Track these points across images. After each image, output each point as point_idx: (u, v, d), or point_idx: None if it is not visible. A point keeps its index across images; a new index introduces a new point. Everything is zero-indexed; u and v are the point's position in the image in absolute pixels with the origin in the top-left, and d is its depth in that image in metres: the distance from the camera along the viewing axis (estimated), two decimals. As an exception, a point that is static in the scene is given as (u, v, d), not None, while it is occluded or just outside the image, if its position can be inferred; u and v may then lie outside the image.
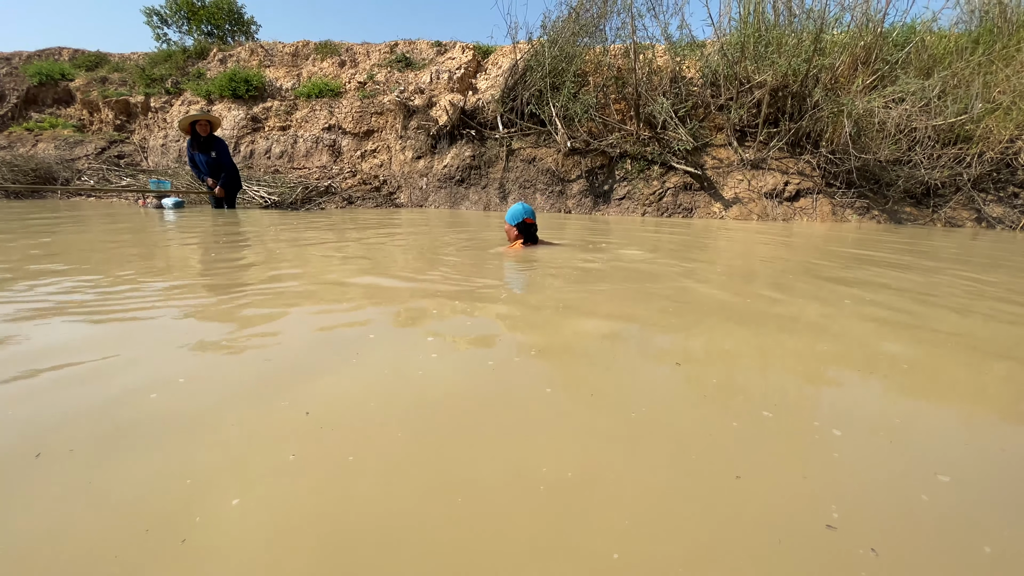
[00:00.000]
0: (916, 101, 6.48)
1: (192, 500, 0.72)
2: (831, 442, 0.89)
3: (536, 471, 0.78)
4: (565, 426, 0.94)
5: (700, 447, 0.88)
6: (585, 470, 0.79)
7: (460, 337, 1.40)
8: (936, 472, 0.79)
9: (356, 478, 0.77)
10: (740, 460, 0.84)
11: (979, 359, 1.34)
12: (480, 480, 0.76)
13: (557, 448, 0.86)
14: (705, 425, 0.95)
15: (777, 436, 0.92)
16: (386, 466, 0.80)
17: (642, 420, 0.96)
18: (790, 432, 0.94)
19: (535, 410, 1.00)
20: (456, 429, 0.92)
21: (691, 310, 1.77)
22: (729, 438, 0.91)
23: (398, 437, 0.89)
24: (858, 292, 2.12)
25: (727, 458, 0.85)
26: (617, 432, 0.92)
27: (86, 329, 1.43)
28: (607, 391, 1.08)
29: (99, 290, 1.86)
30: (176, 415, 0.95)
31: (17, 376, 1.10)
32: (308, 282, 2.08)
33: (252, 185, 7.92)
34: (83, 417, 0.94)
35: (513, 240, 3.23)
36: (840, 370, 1.25)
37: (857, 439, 0.91)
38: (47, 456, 0.81)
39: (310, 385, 1.09)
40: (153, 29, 13.65)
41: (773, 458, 0.85)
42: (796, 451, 0.87)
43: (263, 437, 0.88)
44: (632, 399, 1.05)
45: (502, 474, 0.78)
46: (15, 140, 10.52)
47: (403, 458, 0.82)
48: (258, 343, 1.33)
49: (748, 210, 7.27)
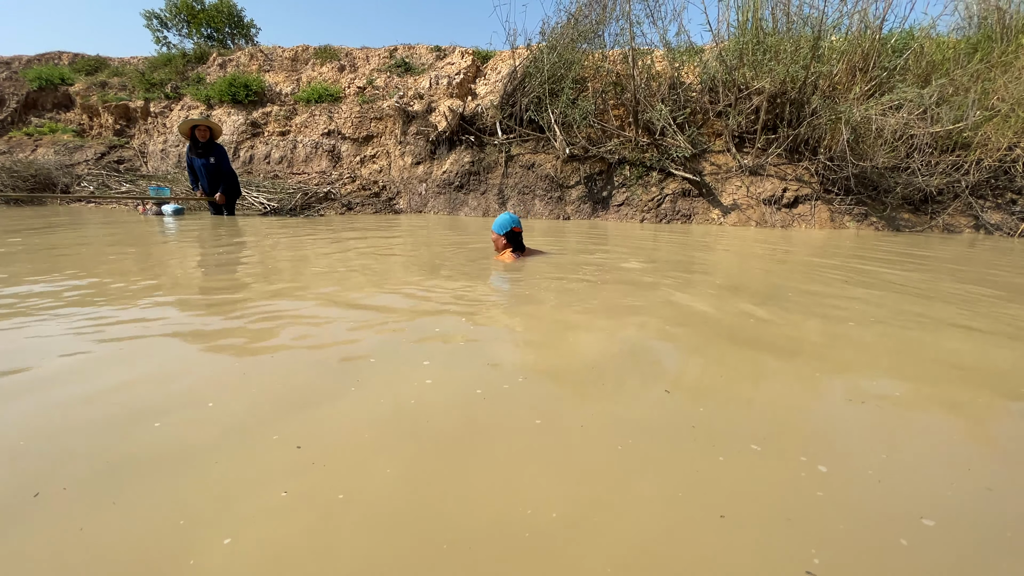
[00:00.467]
0: (914, 108, 6.49)
1: (185, 542, 0.72)
2: (816, 479, 0.90)
3: (522, 513, 0.79)
4: (553, 462, 0.95)
5: (686, 484, 0.89)
6: (569, 511, 0.80)
7: (454, 362, 1.41)
8: (921, 515, 0.80)
9: (345, 519, 0.78)
10: (726, 498, 0.85)
11: (972, 391, 1.35)
12: (466, 525, 0.77)
13: (544, 487, 0.87)
14: (692, 460, 0.96)
15: (763, 471, 0.93)
16: (374, 507, 0.80)
17: (629, 454, 0.97)
18: (776, 467, 0.94)
19: (525, 445, 1.00)
20: (445, 467, 0.92)
21: (684, 331, 1.78)
22: (715, 474, 0.92)
23: (387, 474, 0.89)
24: (854, 310, 2.13)
25: (712, 496, 0.85)
26: (604, 468, 0.93)
27: (74, 353, 1.44)
28: (595, 423, 1.09)
29: (89, 309, 1.87)
30: (168, 450, 0.96)
31: (10, 402, 1.11)
32: (306, 301, 2.09)
33: (251, 191, 7.93)
34: (76, 453, 0.94)
35: (501, 249, 3.28)
36: (831, 398, 1.25)
37: (843, 476, 0.92)
38: (45, 496, 0.82)
39: (302, 416, 1.09)
40: (153, 32, 13.69)
41: (758, 496, 0.86)
42: (781, 489, 0.88)
43: (255, 473, 0.89)
44: (620, 431, 1.06)
45: (488, 518, 0.78)
46: (15, 145, 10.54)
47: (391, 498, 0.83)
48: (251, 370, 1.34)
49: (746, 216, 7.28)
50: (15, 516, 0.77)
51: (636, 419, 1.11)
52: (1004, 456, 1.02)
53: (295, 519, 0.77)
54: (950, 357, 1.58)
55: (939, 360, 1.55)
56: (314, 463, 0.92)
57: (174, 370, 1.32)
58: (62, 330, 1.63)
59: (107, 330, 1.63)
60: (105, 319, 1.75)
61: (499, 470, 0.92)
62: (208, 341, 1.56)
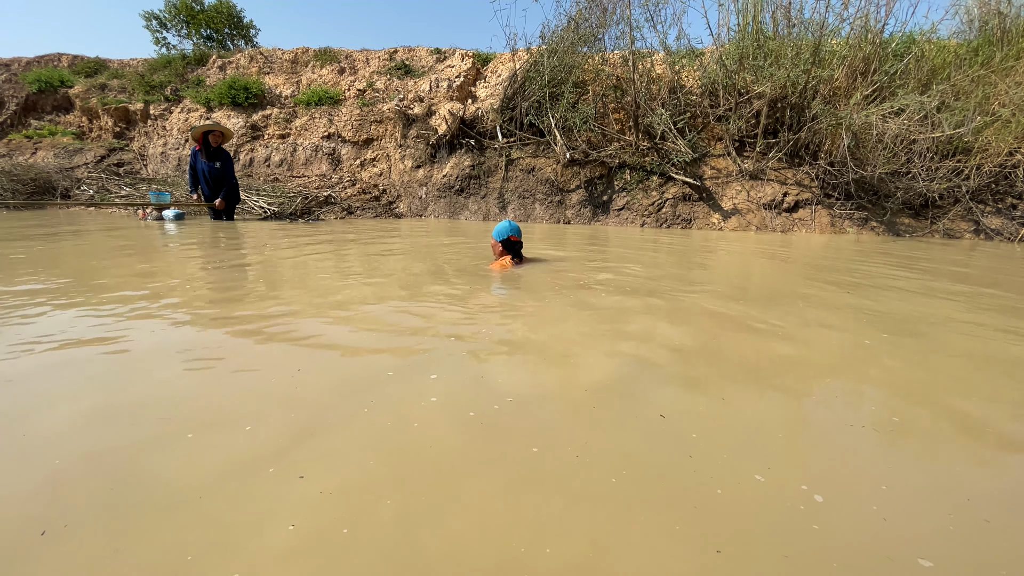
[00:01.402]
0: (914, 114, 6.48)
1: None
2: (813, 511, 0.89)
3: (515, 551, 0.78)
4: (548, 494, 0.94)
5: (683, 517, 0.88)
6: (563, 549, 0.79)
7: (457, 384, 1.40)
8: (918, 556, 0.79)
9: (350, 557, 0.77)
10: (722, 532, 0.84)
11: (975, 419, 1.34)
12: (460, 566, 0.76)
13: (539, 522, 0.86)
14: (688, 491, 0.95)
15: (761, 503, 0.92)
16: (375, 544, 0.79)
17: (624, 486, 0.96)
18: (774, 497, 0.93)
19: (522, 474, 0.99)
20: (442, 499, 0.91)
21: (683, 349, 1.77)
22: (713, 506, 0.91)
23: (387, 506, 0.88)
24: (857, 328, 2.12)
25: (709, 530, 0.84)
26: (598, 500, 0.92)
27: (64, 374, 1.43)
28: (591, 451, 1.08)
29: (83, 323, 1.86)
30: (171, 483, 0.95)
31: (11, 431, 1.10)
32: (307, 316, 2.08)
33: (251, 195, 7.93)
34: (77, 487, 0.93)
35: (499, 256, 3.30)
36: (834, 420, 1.24)
37: (840, 508, 0.91)
38: (52, 534, 0.81)
39: (308, 442, 1.08)
40: (152, 33, 13.71)
41: (755, 530, 0.85)
42: (779, 522, 0.87)
43: (261, 505, 0.88)
44: (616, 460, 1.05)
45: (484, 558, 0.77)
46: (14, 148, 10.54)
47: (390, 533, 0.82)
48: (254, 393, 1.33)
49: (747, 221, 7.27)
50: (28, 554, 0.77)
51: (632, 447, 1.10)
52: (1005, 490, 1.01)
53: (303, 557, 0.77)
54: (956, 377, 1.57)
55: (942, 385, 1.54)
56: (321, 492, 0.91)
57: (172, 396, 1.32)
58: (39, 351, 1.62)
59: (95, 344, 1.62)
60: (96, 331, 1.74)
61: (498, 503, 0.91)
62: (207, 361, 1.55)
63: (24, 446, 1.07)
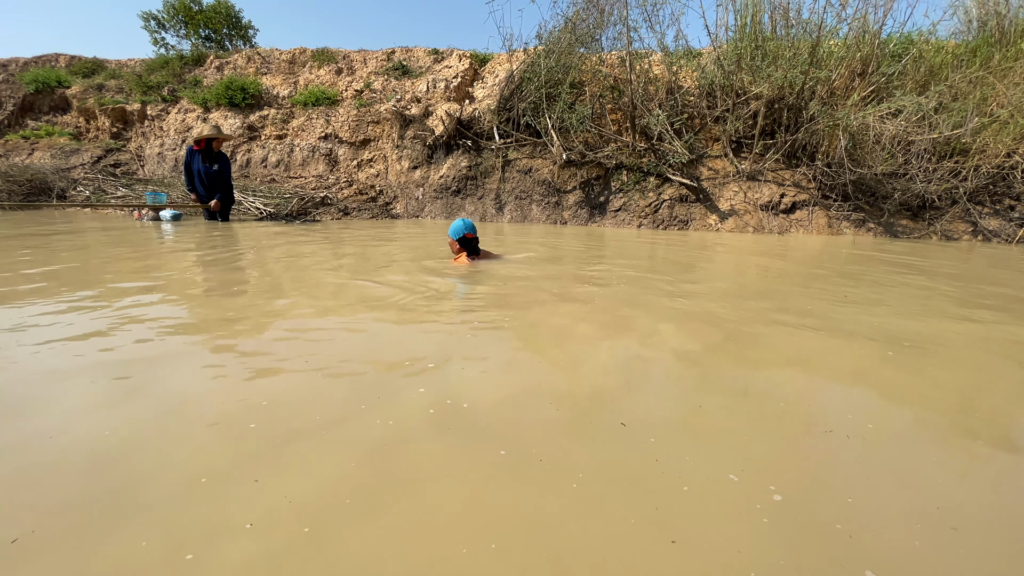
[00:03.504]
0: (912, 115, 6.47)
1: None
2: (771, 509, 0.88)
3: (488, 551, 0.77)
4: (517, 495, 0.93)
5: (645, 518, 0.87)
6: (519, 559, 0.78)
7: (442, 392, 1.39)
8: (865, 569, 0.78)
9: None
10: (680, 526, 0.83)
11: (961, 433, 1.33)
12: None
13: (506, 517, 0.85)
14: (652, 496, 0.94)
15: (722, 503, 0.91)
16: (344, 562, 0.78)
17: (587, 486, 0.95)
18: (738, 497, 0.92)
19: (496, 481, 0.98)
20: (412, 514, 0.90)
21: (654, 353, 1.75)
22: (674, 503, 0.90)
23: (367, 525, 0.87)
24: (850, 334, 2.10)
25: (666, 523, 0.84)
26: (563, 499, 0.91)
27: (56, 381, 1.42)
28: (554, 457, 1.07)
29: (76, 329, 1.85)
30: (137, 495, 0.94)
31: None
32: (305, 320, 2.07)
33: (248, 196, 7.91)
34: (52, 497, 0.92)
35: (456, 253, 3.54)
36: (809, 425, 1.23)
37: (799, 510, 0.90)
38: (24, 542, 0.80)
39: (288, 456, 1.07)
40: (151, 34, 13.66)
41: (713, 525, 0.84)
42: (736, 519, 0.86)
43: (243, 520, 0.87)
44: (578, 464, 1.04)
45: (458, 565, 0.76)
46: (11, 148, 10.52)
47: (356, 551, 0.81)
48: (245, 400, 1.32)
49: (744, 222, 7.26)
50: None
51: (592, 454, 1.10)
52: (976, 493, 1.00)
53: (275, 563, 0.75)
54: (948, 390, 1.56)
55: (935, 389, 1.53)
56: (301, 511, 0.90)
57: (163, 404, 1.30)
58: (23, 356, 1.61)
59: (86, 352, 1.61)
60: (88, 337, 1.73)
61: (473, 509, 0.90)
62: (197, 371, 1.54)
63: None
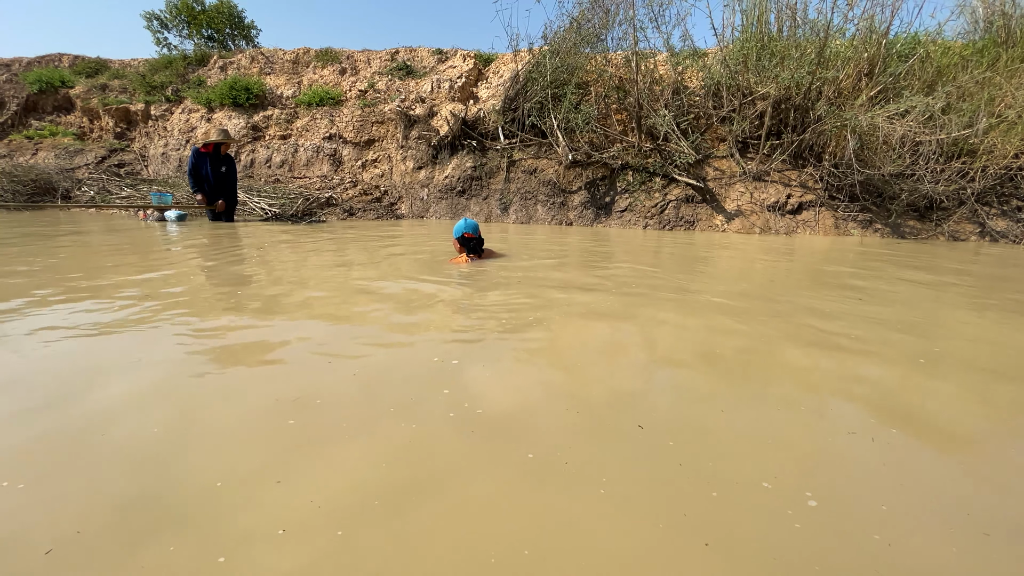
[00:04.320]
0: (920, 115, 6.44)
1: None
2: (804, 515, 0.86)
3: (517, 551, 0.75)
4: (547, 496, 0.91)
5: (672, 524, 0.85)
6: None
7: (462, 395, 1.37)
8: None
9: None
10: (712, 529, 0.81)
11: (960, 440, 1.31)
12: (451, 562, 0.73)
13: (533, 518, 0.83)
14: (674, 499, 0.92)
15: (751, 508, 0.89)
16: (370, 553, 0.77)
17: (614, 488, 0.93)
18: (768, 503, 0.91)
19: (521, 488, 0.97)
20: (444, 513, 0.89)
21: (666, 360, 1.74)
22: (705, 507, 0.88)
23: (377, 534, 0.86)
24: (867, 333, 2.09)
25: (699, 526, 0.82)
26: (584, 499, 0.89)
27: (52, 385, 1.40)
28: (579, 460, 1.06)
29: (81, 335, 1.83)
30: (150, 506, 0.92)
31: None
32: (319, 322, 2.06)
33: (252, 196, 7.90)
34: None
35: (458, 252, 3.68)
36: (832, 429, 1.21)
37: (833, 513, 0.89)
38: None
39: (318, 457, 1.06)
40: (153, 34, 13.64)
41: (747, 530, 0.82)
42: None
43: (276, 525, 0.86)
44: (603, 469, 1.03)
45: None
46: (15, 148, 10.51)
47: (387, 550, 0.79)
48: (276, 405, 1.30)
49: (750, 223, 7.24)
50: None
51: (616, 457, 1.09)
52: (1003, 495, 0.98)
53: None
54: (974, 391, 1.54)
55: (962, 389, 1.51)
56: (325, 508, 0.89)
57: (174, 415, 1.29)
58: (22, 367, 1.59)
59: (93, 359, 1.60)
60: (93, 343, 1.71)
61: (497, 510, 0.88)
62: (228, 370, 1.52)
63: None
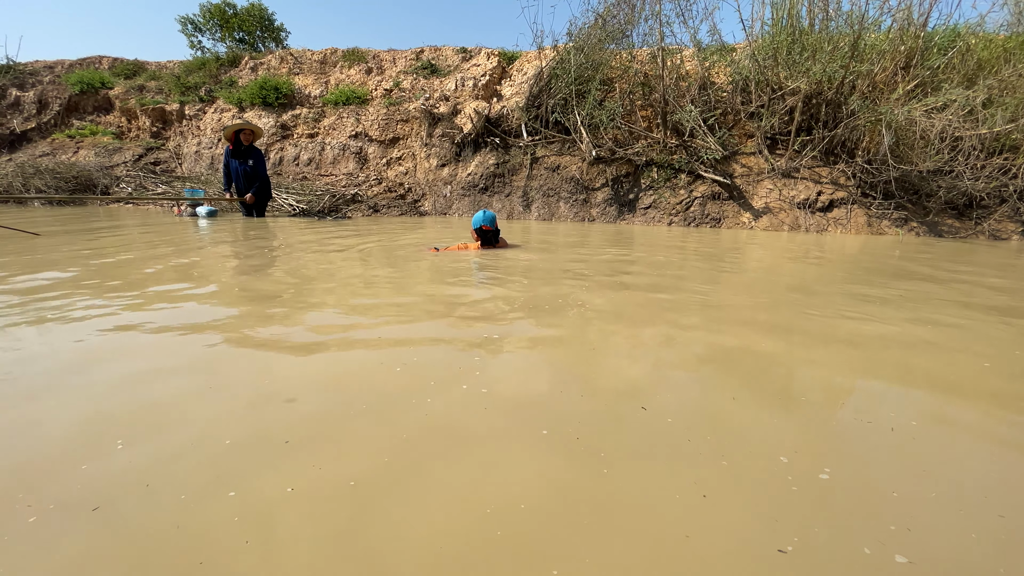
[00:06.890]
0: (959, 109, 6.21)
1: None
2: (817, 486, 0.84)
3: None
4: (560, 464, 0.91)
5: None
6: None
7: (480, 380, 1.39)
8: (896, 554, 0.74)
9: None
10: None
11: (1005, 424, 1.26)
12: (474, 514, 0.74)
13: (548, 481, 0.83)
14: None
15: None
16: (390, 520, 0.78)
17: (610, 461, 0.93)
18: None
19: (541, 451, 0.97)
20: (466, 480, 0.90)
21: (681, 349, 1.71)
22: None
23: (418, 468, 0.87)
24: (898, 333, 2.03)
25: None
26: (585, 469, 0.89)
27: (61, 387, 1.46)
28: (590, 436, 1.05)
29: (103, 341, 1.91)
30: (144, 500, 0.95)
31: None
32: (336, 319, 2.10)
33: (281, 193, 8.09)
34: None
35: (474, 239, 4.04)
36: (853, 423, 1.18)
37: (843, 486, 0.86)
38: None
39: (346, 432, 1.08)
40: (188, 37, 14.08)
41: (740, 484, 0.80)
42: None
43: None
44: (614, 444, 1.02)
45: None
46: (58, 147, 10.98)
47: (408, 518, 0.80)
48: (279, 408, 1.34)
49: (779, 220, 7.09)
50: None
51: (626, 435, 1.08)
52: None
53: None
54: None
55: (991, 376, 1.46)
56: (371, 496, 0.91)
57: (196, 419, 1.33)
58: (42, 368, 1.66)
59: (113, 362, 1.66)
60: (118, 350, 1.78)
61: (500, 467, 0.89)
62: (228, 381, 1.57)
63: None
